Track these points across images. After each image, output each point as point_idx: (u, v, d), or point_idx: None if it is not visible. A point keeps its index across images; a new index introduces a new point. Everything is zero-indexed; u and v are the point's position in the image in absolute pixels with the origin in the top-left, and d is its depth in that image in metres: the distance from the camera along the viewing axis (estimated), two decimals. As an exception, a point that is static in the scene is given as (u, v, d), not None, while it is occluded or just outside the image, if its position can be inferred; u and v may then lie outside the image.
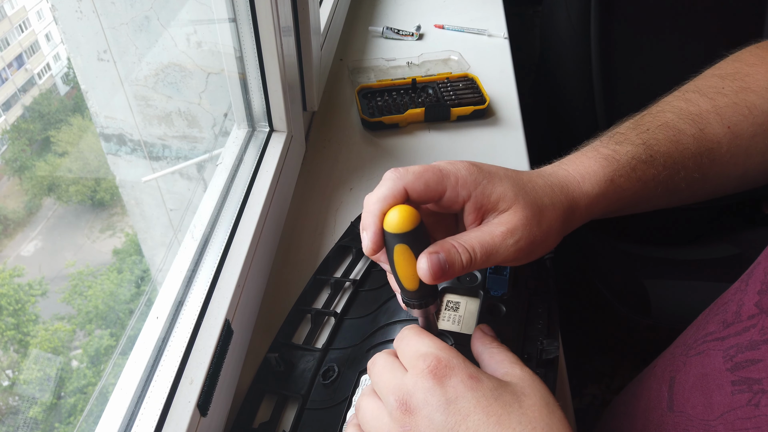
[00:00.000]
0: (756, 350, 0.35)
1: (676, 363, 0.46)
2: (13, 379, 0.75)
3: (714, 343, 0.41)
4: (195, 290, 0.54)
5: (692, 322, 0.50)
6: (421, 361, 0.33)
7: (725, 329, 0.40)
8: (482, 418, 0.31)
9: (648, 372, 0.53)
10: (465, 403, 0.32)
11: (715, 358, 0.39)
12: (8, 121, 0.71)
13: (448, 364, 0.33)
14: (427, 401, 0.32)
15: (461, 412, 0.31)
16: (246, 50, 0.66)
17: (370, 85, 0.95)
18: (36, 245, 0.84)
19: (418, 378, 0.33)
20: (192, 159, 0.86)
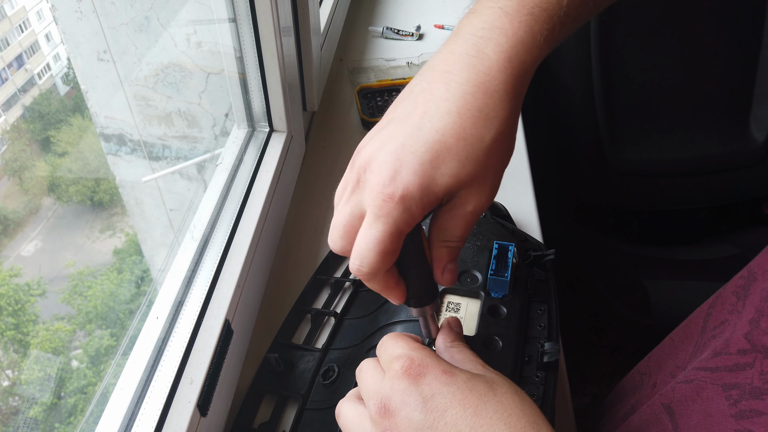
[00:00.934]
0: (760, 400, 0.36)
1: (675, 389, 0.45)
2: (14, 379, 0.75)
3: (705, 374, 0.41)
4: (195, 290, 0.54)
5: (686, 329, 0.50)
6: (396, 363, 0.34)
7: (714, 358, 0.40)
8: (459, 412, 0.32)
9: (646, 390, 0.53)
10: (441, 399, 0.32)
11: (715, 396, 0.39)
12: (8, 121, 0.71)
13: (421, 363, 0.34)
14: (405, 402, 0.32)
15: (438, 409, 0.32)
16: (246, 50, 0.66)
17: (370, 85, 0.95)
18: (36, 245, 0.84)
19: (394, 380, 0.33)
20: (192, 159, 0.86)
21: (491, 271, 0.50)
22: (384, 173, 0.31)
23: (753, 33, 1.15)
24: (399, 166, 0.31)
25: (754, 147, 1.19)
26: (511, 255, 0.51)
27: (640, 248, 1.25)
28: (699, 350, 0.45)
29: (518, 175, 0.82)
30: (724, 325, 0.43)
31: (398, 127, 0.32)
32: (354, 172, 0.34)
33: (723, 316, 0.44)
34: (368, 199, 0.32)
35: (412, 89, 0.34)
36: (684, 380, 0.43)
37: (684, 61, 1.18)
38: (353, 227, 0.33)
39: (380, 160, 0.32)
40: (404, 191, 0.31)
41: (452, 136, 0.31)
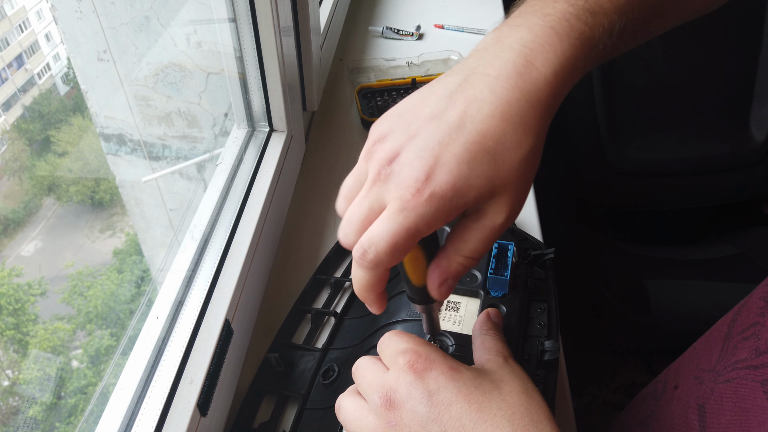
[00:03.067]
0: None
1: (703, 389, 0.45)
2: (13, 379, 0.75)
3: (746, 372, 0.41)
4: (195, 290, 0.54)
5: (709, 337, 0.49)
6: (401, 358, 0.34)
7: (758, 357, 0.40)
8: (464, 407, 0.32)
9: (667, 393, 0.53)
10: (447, 393, 0.32)
11: (753, 391, 0.39)
12: (8, 121, 0.71)
13: (427, 358, 0.34)
14: (410, 395, 0.33)
15: (443, 403, 0.32)
16: (246, 50, 0.66)
17: (370, 85, 0.95)
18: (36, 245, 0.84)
19: (399, 374, 0.34)
20: (192, 159, 0.86)
21: (491, 270, 0.50)
22: (417, 168, 0.30)
23: (753, 33, 1.15)
24: (434, 163, 0.30)
25: (754, 147, 1.19)
26: (510, 254, 0.51)
27: (640, 248, 1.26)
28: (728, 353, 0.45)
29: (518, 175, 0.82)
30: (755, 328, 0.43)
31: (432, 123, 0.31)
32: (375, 163, 0.32)
33: (752, 320, 0.44)
34: (394, 191, 0.31)
35: (446, 87, 0.32)
36: (725, 380, 0.43)
37: (684, 61, 1.18)
38: (371, 222, 0.32)
39: (413, 155, 0.31)
40: (436, 189, 0.30)
41: (492, 140, 0.30)
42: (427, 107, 0.32)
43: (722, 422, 0.42)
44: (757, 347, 0.41)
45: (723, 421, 0.42)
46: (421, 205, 0.30)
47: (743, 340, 0.43)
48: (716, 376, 0.45)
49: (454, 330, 0.48)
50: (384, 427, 0.33)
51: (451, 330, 0.48)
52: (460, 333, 0.47)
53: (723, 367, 0.44)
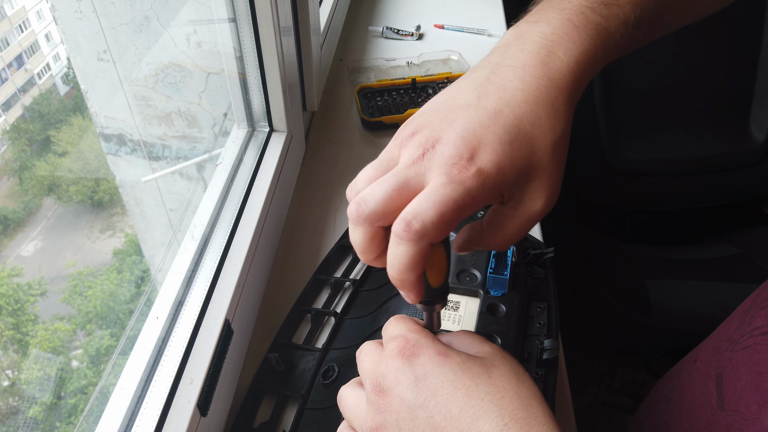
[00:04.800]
0: None
1: (721, 358, 0.46)
2: (13, 379, 0.75)
3: (763, 338, 0.41)
4: (195, 290, 0.54)
5: (729, 316, 0.50)
6: (392, 343, 0.34)
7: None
8: (450, 392, 0.32)
9: (687, 366, 0.53)
10: (433, 379, 0.32)
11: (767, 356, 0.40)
12: (8, 121, 0.71)
13: (416, 344, 0.34)
14: (398, 381, 0.33)
15: (430, 388, 0.32)
16: (246, 50, 0.66)
17: (370, 85, 0.95)
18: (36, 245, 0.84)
19: (389, 359, 0.34)
20: (192, 159, 0.86)
21: (490, 270, 0.50)
22: (461, 147, 0.30)
23: (753, 33, 1.15)
24: (477, 144, 0.31)
25: (754, 147, 1.19)
26: (510, 253, 0.51)
27: (640, 248, 1.25)
28: (745, 323, 0.46)
29: (518, 175, 0.82)
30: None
31: (470, 110, 0.32)
32: (414, 147, 0.32)
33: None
34: (438, 168, 0.30)
35: (474, 80, 0.34)
36: (742, 348, 0.44)
37: (684, 61, 1.18)
38: (405, 193, 0.31)
39: (455, 136, 0.31)
40: (482, 165, 0.30)
41: (529, 123, 0.32)
42: (460, 99, 0.33)
43: (738, 387, 0.42)
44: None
45: (739, 385, 0.42)
46: (469, 179, 0.30)
47: (761, 309, 0.44)
48: (733, 345, 0.45)
49: (453, 329, 0.48)
50: (374, 414, 0.33)
51: (450, 329, 0.48)
52: (460, 333, 0.47)
53: (740, 335, 0.45)
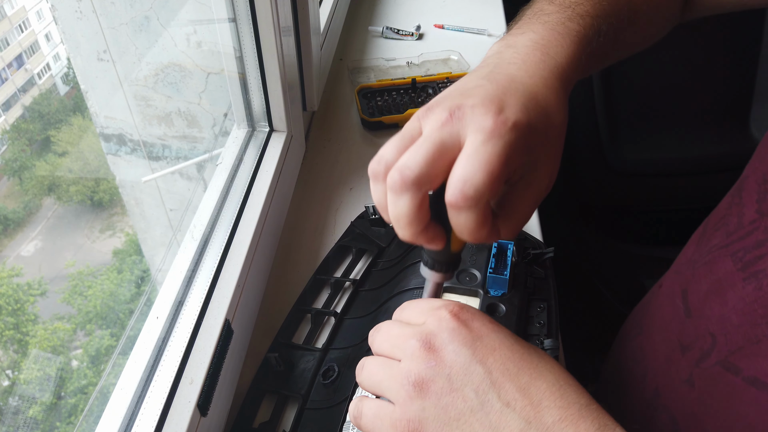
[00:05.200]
0: (762, 247, 0.40)
1: (683, 277, 0.49)
2: (14, 378, 0.75)
3: (720, 251, 0.44)
4: (195, 290, 0.54)
5: (686, 245, 0.54)
6: (442, 310, 0.33)
7: (729, 237, 0.44)
8: (507, 353, 0.31)
9: (654, 292, 0.57)
10: (490, 341, 0.32)
11: (725, 264, 0.43)
12: (8, 121, 0.71)
13: (470, 310, 0.34)
14: (453, 338, 0.32)
15: (488, 347, 0.32)
16: (246, 50, 0.66)
17: (370, 85, 0.95)
18: (36, 245, 0.84)
19: (441, 321, 0.33)
20: (192, 159, 0.86)
21: (490, 270, 0.50)
22: (489, 106, 0.30)
23: (753, 33, 1.15)
24: (503, 104, 0.31)
25: (754, 147, 1.19)
26: (510, 253, 0.51)
27: (640, 248, 1.25)
28: (702, 244, 0.49)
29: (518, 175, 0.82)
30: (724, 219, 0.46)
31: (485, 87, 0.32)
32: (441, 111, 0.31)
33: (721, 214, 0.48)
34: (473, 124, 0.30)
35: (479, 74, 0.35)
36: (702, 263, 0.47)
37: (684, 61, 1.18)
38: (446, 155, 0.30)
39: (481, 98, 0.31)
40: (516, 119, 0.30)
41: (543, 99, 0.33)
42: (470, 84, 0.34)
43: (701, 295, 0.45)
44: (727, 231, 0.45)
45: (701, 294, 0.45)
46: (508, 132, 0.30)
47: (715, 231, 0.47)
48: (694, 264, 0.48)
49: (453, 330, 0.48)
50: (422, 368, 0.31)
51: (451, 330, 0.48)
52: (459, 333, 0.47)
53: (699, 255, 0.48)
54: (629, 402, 0.54)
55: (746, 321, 0.39)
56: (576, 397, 0.30)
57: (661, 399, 0.48)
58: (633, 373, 0.55)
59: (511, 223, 0.34)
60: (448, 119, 0.31)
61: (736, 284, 0.41)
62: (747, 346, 0.39)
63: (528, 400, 0.30)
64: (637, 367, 0.54)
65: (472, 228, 0.31)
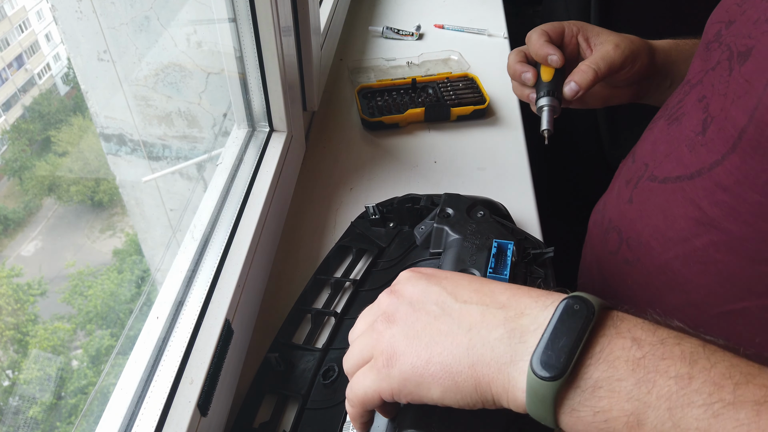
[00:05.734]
0: (682, 101, 0.53)
1: (637, 148, 0.62)
2: (14, 378, 0.75)
3: (659, 120, 0.58)
4: (195, 290, 0.54)
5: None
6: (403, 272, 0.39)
7: (665, 109, 0.58)
8: (459, 278, 0.36)
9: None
10: (442, 274, 0.37)
11: (660, 123, 0.56)
12: (8, 121, 0.71)
13: (422, 267, 0.39)
14: (410, 280, 0.37)
15: (440, 277, 0.36)
16: (246, 50, 0.66)
17: (370, 85, 0.95)
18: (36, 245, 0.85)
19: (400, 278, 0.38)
20: (192, 159, 0.86)
21: (490, 270, 0.50)
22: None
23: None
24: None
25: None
26: (510, 253, 0.51)
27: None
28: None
29: (518, 175, 0.82)
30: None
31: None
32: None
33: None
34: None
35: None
36: (648, 130, 0.61)
37: (684, 61, 1.18)
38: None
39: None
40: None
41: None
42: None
43: (644, 147, 0.58)
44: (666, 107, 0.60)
45: (645, 146, 0.58)
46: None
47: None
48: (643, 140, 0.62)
49: (454, 330, 0.48)
50: (386, 309, 0.36)
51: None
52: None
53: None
54: (590, 242, 0.67)
55: (668, 147, 0.52)
56: (521, 286, 0.34)
57: (612, 223, 0.59)
58: (597, 223, 0.65)
59: (593, 64, 0.59)
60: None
61: (663, 128, 0.55)
62: (665, 161, 0.52)
63: (481, 293, 0.34)
64: (600, 217, 0.64)
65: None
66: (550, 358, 0.28)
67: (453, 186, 0.80)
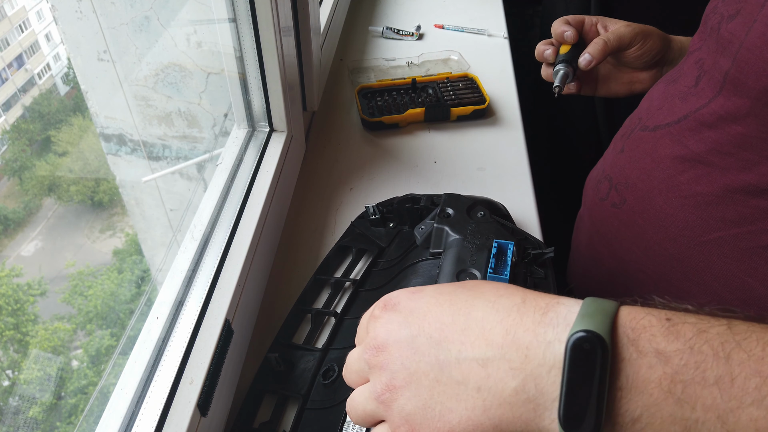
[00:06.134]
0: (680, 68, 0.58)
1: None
2: (14, 378, 0.75)
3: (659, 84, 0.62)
4: (195, 290, 0.54)
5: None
6: (372, 310, 0.36)
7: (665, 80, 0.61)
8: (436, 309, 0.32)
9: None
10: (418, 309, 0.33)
11: (659, 87, 0.60)
12: (8, 121, 0.71)
13: (390, 297, 0.35)
14: (389, 329, 0.33)
15: (419, 316, 0.33)
16: (246, 50, 0.66)
17: (370, 85, 0.95)
18: (36, 245, 0.85)
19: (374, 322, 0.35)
20: (192, 159, 0.86)
21: (490, 270, 0.50)
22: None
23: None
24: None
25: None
26: (510, 253, 0.51)
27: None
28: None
29: (518, 175, 0.82)
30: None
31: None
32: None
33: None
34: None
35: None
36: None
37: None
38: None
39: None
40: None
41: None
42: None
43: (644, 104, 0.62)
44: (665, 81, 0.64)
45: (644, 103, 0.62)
46: None
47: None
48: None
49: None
50: (379, 374, 0.33)
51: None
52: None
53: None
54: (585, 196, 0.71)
55: (661, 102, 0.57)
56: (510, 303, 0.31)
57: (605, 173, 0.64)
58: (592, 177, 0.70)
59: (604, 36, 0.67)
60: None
61: (660, 89, 0.59)
62: (657, 113, 0.57)
63: (472, 335, 0.30)
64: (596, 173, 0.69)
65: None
66: (579, 411, 0.26)
67: (453, 186, 0.80)
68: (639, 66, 0.70)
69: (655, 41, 0.67)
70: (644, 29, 0.67)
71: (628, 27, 0.67)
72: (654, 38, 0.67)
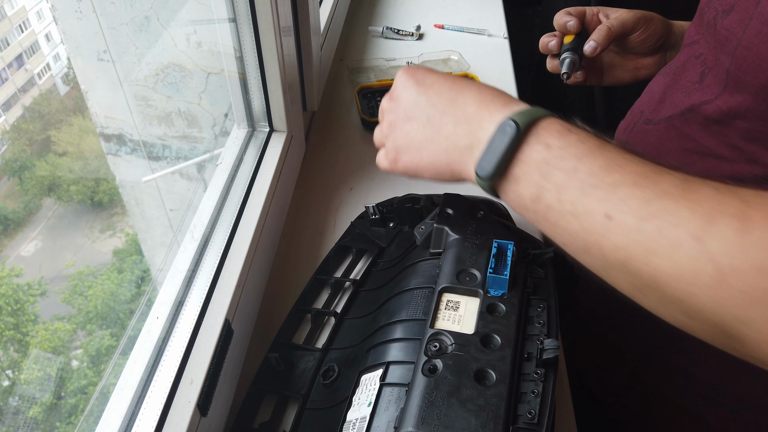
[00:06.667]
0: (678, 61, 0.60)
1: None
2: (14, 378, 0.75)
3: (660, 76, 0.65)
4: (195, 290, 0.54)
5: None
6: (399, 73, 0.49)
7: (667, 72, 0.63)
8: (443, 83, 0.46)
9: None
10: (430, 80, 0.46)
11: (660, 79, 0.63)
12: (8, 121, 0.71)
13: (415, 67, 0.49)
14: (404, 86, 0.47)
15: (427, 84, 0.46)
16: (246, 50, 0.66)
17: (370, 85, 0.95)
18: (36, 245, 0.85)
19: (398, 80, 0.49)
20: (192, 159, 0.86)
21: (490, 270, 0.50)
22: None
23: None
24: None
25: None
26: (510, 253, 0.51)
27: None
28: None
29: (518, 175, 0.82)
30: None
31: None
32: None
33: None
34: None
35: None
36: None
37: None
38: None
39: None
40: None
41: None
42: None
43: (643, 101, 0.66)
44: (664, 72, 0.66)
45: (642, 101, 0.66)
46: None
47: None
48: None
49: (453, 329, 0.48)
50: (386, 114, 0.48)
51: (450, 329, 0.48)
52: (459, 332, 0.47)
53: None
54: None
55: (663, 96, 0.60)
56: (491, 94, 0.43)
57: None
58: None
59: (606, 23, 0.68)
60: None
61: (661, 82, 0.62)
62: (659, 107, 0.60)
63: (455, 106, 0.44)
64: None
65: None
66: (486, 165, 0.40)
67: (453, 186, 0.80)
68: (643, 51, 0.71)
69: (657, 25, 0.69)
70: (646, 14, 0.68)
71: (630, 12, 0.68)
72: (656, 22, 0.69)
